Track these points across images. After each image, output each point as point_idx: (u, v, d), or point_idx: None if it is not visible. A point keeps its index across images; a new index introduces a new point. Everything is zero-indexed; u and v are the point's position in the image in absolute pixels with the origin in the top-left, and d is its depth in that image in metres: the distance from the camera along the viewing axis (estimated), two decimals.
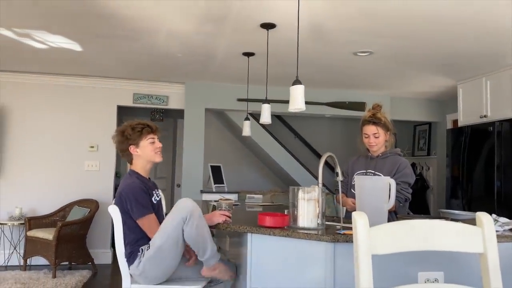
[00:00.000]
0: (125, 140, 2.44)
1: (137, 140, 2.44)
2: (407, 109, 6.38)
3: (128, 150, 2.45)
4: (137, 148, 2.44)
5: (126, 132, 2.44)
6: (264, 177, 7.51)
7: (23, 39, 3.93)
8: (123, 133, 2.45)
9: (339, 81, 5.43)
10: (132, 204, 2.28)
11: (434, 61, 4.41)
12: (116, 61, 4.73)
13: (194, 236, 2.17)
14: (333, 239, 1.91)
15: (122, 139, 2.45)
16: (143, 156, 2.46)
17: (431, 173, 6.77)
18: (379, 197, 2.09)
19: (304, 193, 2.13)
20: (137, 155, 2.46)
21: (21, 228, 5.15)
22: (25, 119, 5.39)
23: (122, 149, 2.48)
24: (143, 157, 2.46)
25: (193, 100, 5.70)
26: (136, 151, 2.45)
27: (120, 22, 3.42)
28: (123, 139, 2.45)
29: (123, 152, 2.49)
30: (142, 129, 2.45)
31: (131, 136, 2.43)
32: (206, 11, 3.14)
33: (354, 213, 1.32)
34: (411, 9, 3.03)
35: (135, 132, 2.43)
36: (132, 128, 2.45)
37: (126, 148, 2.45)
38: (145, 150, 2.45)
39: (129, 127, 2.45)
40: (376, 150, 2.74)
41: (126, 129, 2.45)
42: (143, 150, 2.45)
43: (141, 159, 2.46)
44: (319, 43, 3.85)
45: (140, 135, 2.44)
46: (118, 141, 2.47)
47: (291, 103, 2.66)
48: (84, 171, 5.50)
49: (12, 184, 5.30)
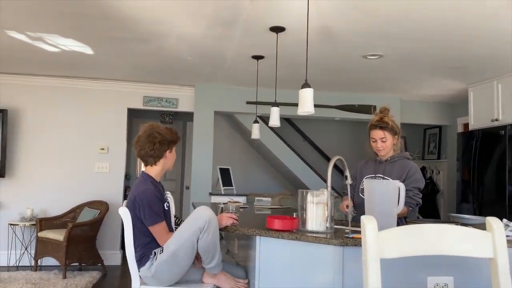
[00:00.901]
0: (166, 143, 2.44)
1: (172, 145, 2.49)
2: (417, 112, 6.34)
3: (163, 153, 2.45)
4: (169, 153, 2.49)
5: (167, 136, 2.45)
6: (273, 179, 7.52)
7: (35, 43, 3.99)
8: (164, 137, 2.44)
9: (348, 84, 5.42)
10: (145, 211, 2.30)
11: (445, 64, 4.38)
12: (126, 64, 4.78)
13: (207, 245, 2.21)
14: (341, 242, 1.91)
15: (164, 141, 2.43)
16: (166, 163, 2.50)
17: (441, 177, 6.71)
18: (388, 201, 2.08)
19: (313, 197, 2.13)
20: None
21: (32, 229, 5.21)
22: (37, 121, 5.46)
23: (158, 154, 2.43)
24: (166, 164, 2.49)
25: (203, 103, 5.73)
26: (169, 155, 2.49)
27: (131, 26, 3.46)
28: (165, 141, 2.44)
29: (155, 155, 2.43)
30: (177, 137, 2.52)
31: (171, 141, 2.47)
32: (215, 14, 3.17)
33: (363, 217, 1.32)
34: (421, 12, 3.02)
35: (174, 138, 2.49)
36: (171, 133, 2.49)
37: (163, 151, 2.44)
38: (173, 156, 2.52)
39: (169, 132, 2.48)
40: (384, 155, 2.73)
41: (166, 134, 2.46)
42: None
43: (162, 165, 2.48)
44: (329, 46, 3.85)
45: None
46: (160, 142, 2.42)
47: (300, 107, 2.66)
48: (94, 172, 5.56)
49: (24, 185, 5.37)
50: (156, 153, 2.43)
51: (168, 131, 2.49)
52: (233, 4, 2.96)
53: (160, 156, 2.45)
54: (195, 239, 2.20)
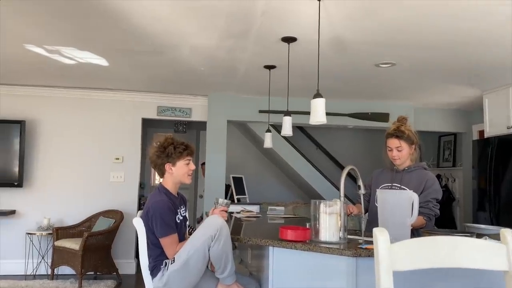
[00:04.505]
0: (164, 156, 2.45)
1: (175, 159, 2.45)
2: (431, 120, 6.28)
3: (163, 166, 2.47)
4: (172, 167, 2.47)
5: (168, 149, 2.45)
6: (285, 188, 7.51)
7: (53, 55, 4.08)
8: (165, 150, 2.46)
9: (361, 92, 5.41)
10: (157, 222, 2.32)
11: (459, 71, 4.35)
12: (141, 75, 4.85)
13: (219, 254, 2.21)
14: (355, 253, 1.91)
15: (162, 154, 2.46)
16: (175, 176, 2.48)
17: (456, 185, 6.62)
18: (401, 211, 2.07)
19: (326, 207, 2.13)
20: (170, 173, 2.48)
21: (49, 238, 5.29)
22: (53, 131, 5.56)
23: (157, 163, 2.48)
24: (175, 176, 2.48)
25: (216, 112, 5.78)
26: (170, 170, 2.47)
27: (145, 39, 3.52)
28: (162, 155, 2.45)
29: (156, 166, 2.50)
30: (183, 151, 2.47)
31: (172, 155, 2.44)
32: (228, 26, 3.21)
33: (375, 229, 1.32)
34: (434, 21, 3.01)
35: (176, 152, 2.45)
36: (174, 147, 2.45)
37: (162, 164, 2.47)
38: (179, 171, 2.47)
39: (172, 146, 2.46)
40: (400, 164, 2.72)
41: (168, 147, 2.45)
42: (177, 170, 2.47)
43: (172, 177, 2.48)
44: (340, 55, 3.85)
45: (180, 155, 2.46)
46: (156, 155, 2.47)
47: (312, 116, 2.68)
48: (109, 182, 5.63)
49: (41, 195, 5.47)
50: (158, 167, 2.48)
51: (174, 141, 2.49)
52: (245, 15, 2.99)
53: (161, 170, 2.48)
54: (207, 247, 2.21)
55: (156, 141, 2.51)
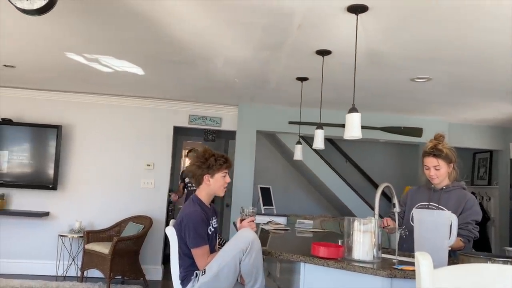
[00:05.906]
0: (205, 167, 2.47)
1: (215, 171, 2.47)
2: (467, 136, 6.11)
3: (201, 177, 2.49)
4: (210, 178, 2.48)
5: (210, 161, 2.46)
6: (313, 200, 7.43)
7: (91, 64, 4.21)
8: (206, 161, 2.47)
9: (394, 106, 5.32)
10: (190, 233, 2.33)
11: (496, 87, 4.22)
12: (175, 85, 4.94)
13: (250, 267, 2.21)
14: (390, 274, 1.86)
15: (202, 165, 2.47)
16: (212, 188, 2.50)
17: (492, 204, 6.39)
18: (439, 233, 2.01)
19: (360, 225, 2.10)
20: (207, 185, 2.49)
21: (80, 241, 5.41)
22: (88, 137, 5.71)
23: (196, 174, 2.49)
24: (212, 188, 2.50)
25: (245, 122, 5.80)
26: (208, 181, 2.48)
27: (181, 50, 3.58)
28: (203, 165, 2.47)
29: (195, 176, 2.51)
30: (223, 163, 2.49)
31: (212, 167, 2.46)
32: (263, 39, 3.22)
33: (417, 254, 1.28)
34: (472, 37, 2.94)
35: (216, 164, 2.47)
36: (215, 159, 2.47)
37: (201, 175, 2.48)
38: (216, 183, 2.49)
39: (213, 158, 2.47)
40: (439, 183, 2.64)
41: (210, 158, 2.47)
42: (215, 182, 2.49)
43: (209, 189, 2.50)
44: (375, 68, 3.81)
45: (220, 168, 2.47)
46: (196, 165, 2.49)
47: (346, 131, 2.65)
48: (140, 188, 5.72)
49: (74, 198, 5.60)
50: (197, 177, 2.50)
51: (215, 153, 2.52)
52: (281, 29, 3.00)
53: (199, 181, 2.50)
54: (238, 260, 2.21)
55: (194, 152, 2.53)
